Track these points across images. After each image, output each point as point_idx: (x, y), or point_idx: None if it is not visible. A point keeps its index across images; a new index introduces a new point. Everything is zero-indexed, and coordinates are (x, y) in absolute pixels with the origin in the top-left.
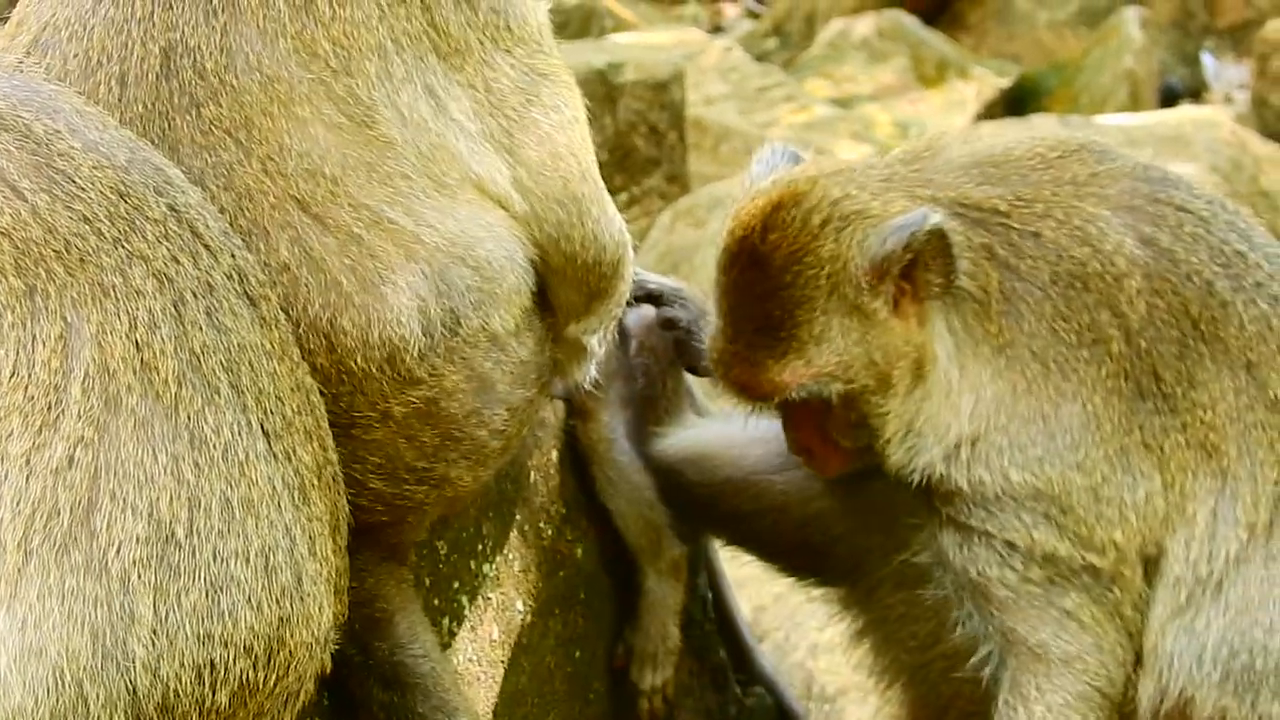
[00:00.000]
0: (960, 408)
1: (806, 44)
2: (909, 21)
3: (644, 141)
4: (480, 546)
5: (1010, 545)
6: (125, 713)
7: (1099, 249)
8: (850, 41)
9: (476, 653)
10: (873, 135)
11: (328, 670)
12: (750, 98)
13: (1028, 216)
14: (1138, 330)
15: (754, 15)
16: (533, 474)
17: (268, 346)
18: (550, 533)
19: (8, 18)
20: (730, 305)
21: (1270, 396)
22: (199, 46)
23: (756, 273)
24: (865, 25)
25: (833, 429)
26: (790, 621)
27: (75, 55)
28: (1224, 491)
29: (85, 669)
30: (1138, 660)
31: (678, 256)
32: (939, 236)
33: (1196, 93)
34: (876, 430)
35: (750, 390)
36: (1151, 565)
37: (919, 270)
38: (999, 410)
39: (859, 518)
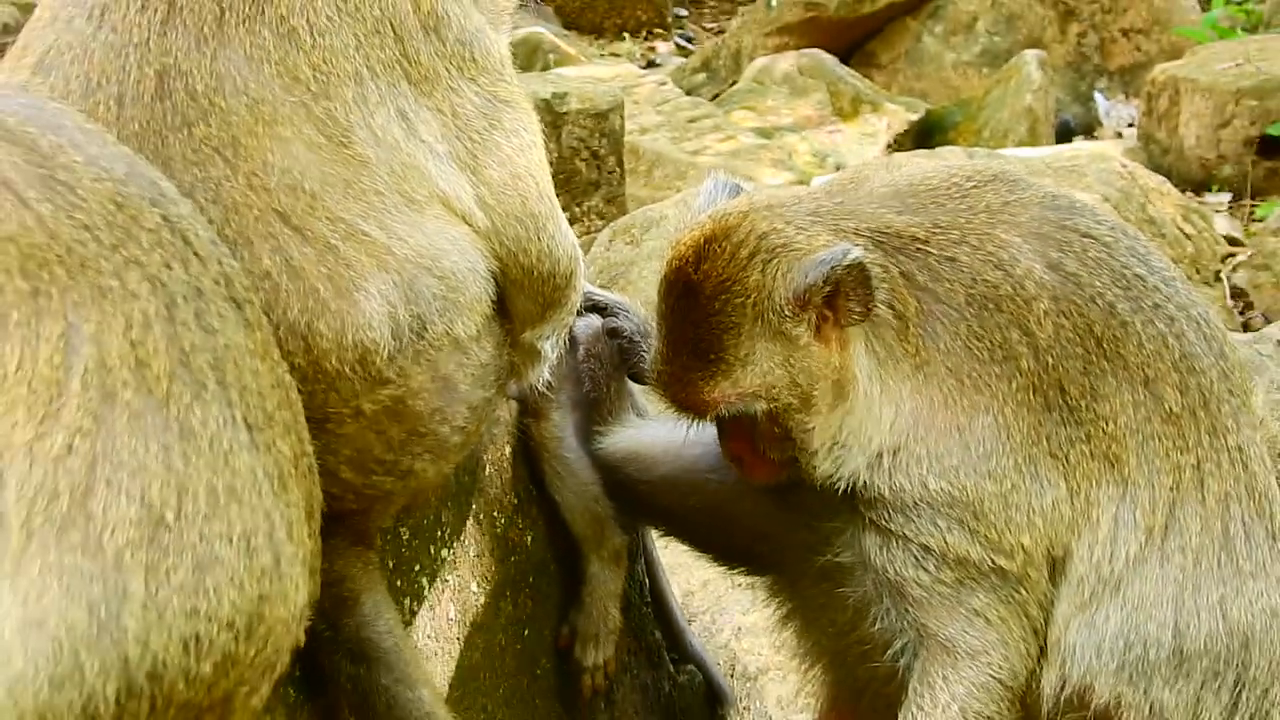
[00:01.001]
0: (881, 420)
1: (733, 79)
2: (827, 60)
3: (585, 165)
4: (439, 533)
5: (926, 549)
6: (118, 680)
7: (1010, 273)
8: (773, 77)
9: (435, 630)
10: (793, 163)
11: (301, 644)
12: (681, 128)
13: (945, 243)
14: (1045, 348)
15: (684, 52)
16: (488, 467)
17: (251, 346)
18: (503, 522)
19: (8, 43)
20: (667, 329)
21: (1166, 409)
22: (191, 70)
23: (690, 300)
24: (787, 63)
25: (761, 442)
26: (716, 606)
27: (77, 77)
28: (1124, 497)
29: (82, 639)
30: (1042, 653)
31: (616, 271)
32: (858, 269)
33: (1089, 129)
34: (802, 444)
35: (685, 407)
36: (1058, 566)
37: (840, 300)
38: (917, 423)
39: (785, 516)
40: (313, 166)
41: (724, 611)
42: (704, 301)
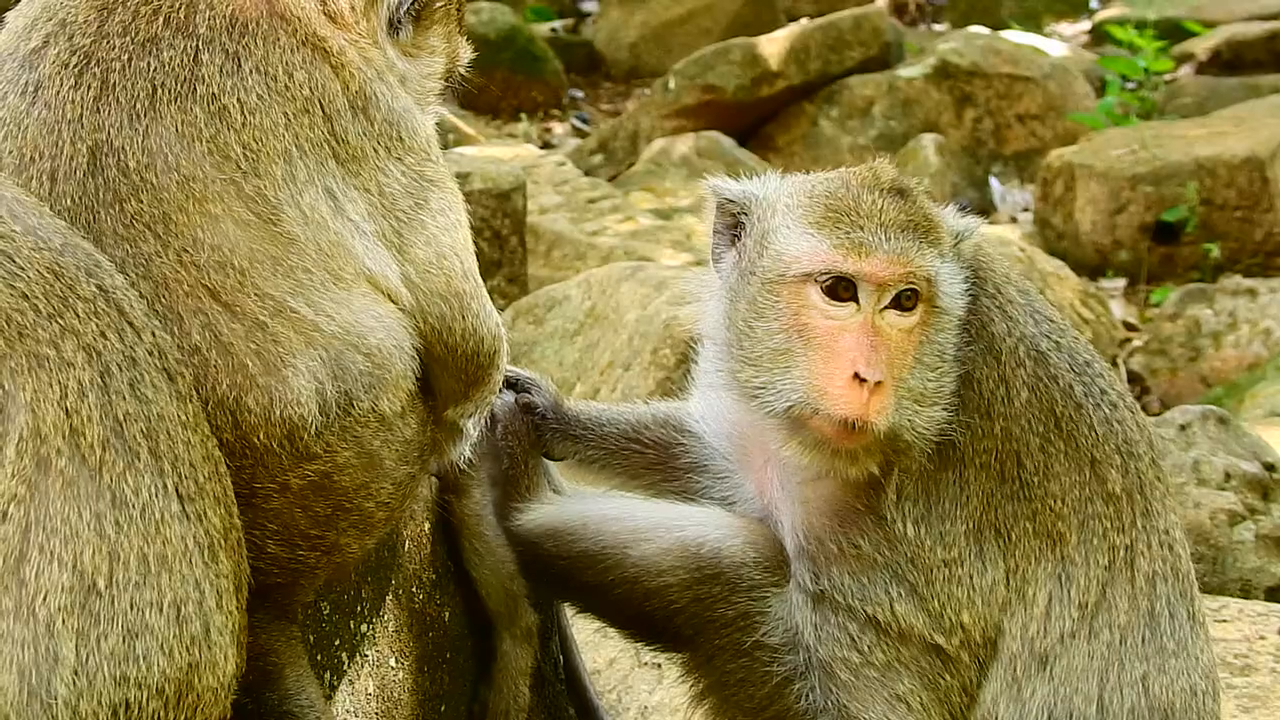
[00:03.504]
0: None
1: (630, 160)
2: (725, 142)
3: (488, 245)
4: (359, 608)
5: (870, 622)
6: None
7: (1012, 332)
8: (671, 159)
9: (354, 705)
10: (692, 244)
11: (228, 716)
12: (581, 208)
13: None
14: (1013, 416)
15: (580, 133)
16: (407, 543)
17: (183, 418)
18: (421, 597)
19: None
20: (888, 218)
21: (1108, 491)
22: (123, 147)
23: (904, 197)
24: (685, 144)
25: (899, 354)
26: (623, 684)
27: (10, 152)
28: (1063, 574)
29: (12, 704)
30: None
31: (519, 350)
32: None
33: (985, 213)
34: (921, 360)
35: (898, 276)
36: (990, 647)
37: None
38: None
39: (704, 589)
40: (242, 243)
41: (629, 690)
42: (916, 200)
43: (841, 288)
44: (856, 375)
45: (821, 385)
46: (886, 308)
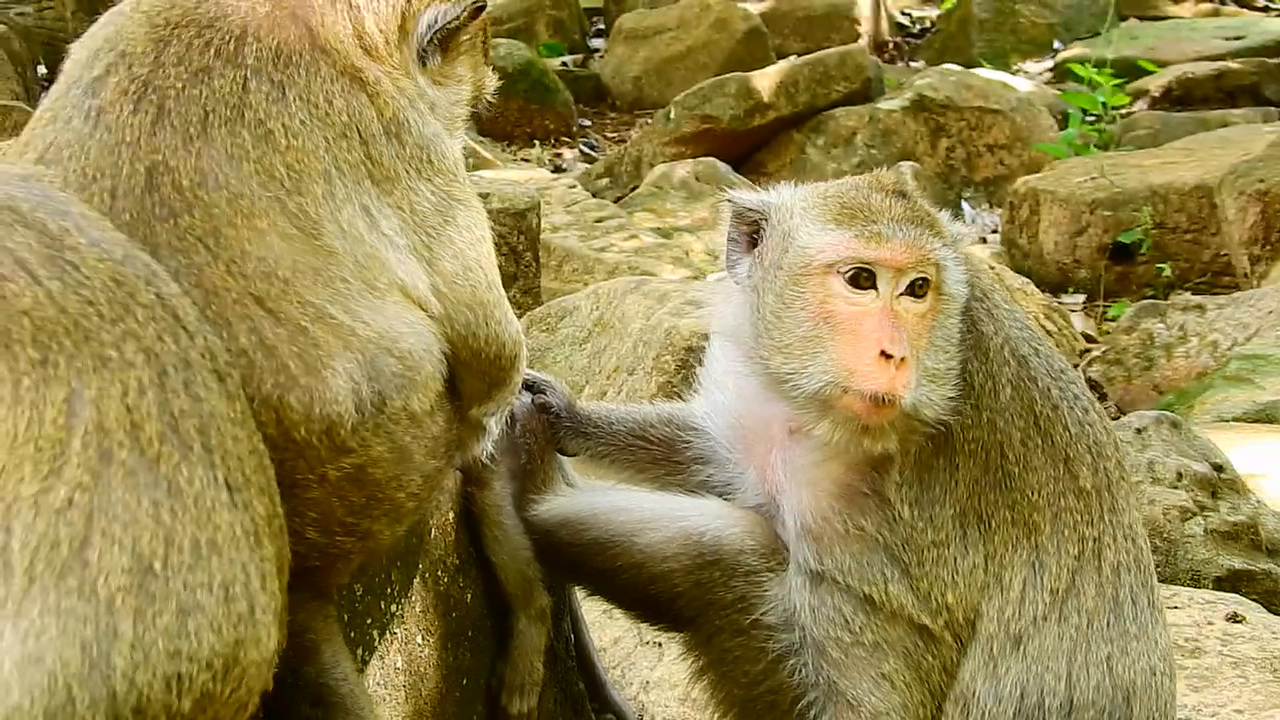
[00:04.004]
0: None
1: (634, 184)
2: (721, 167)
3: (505, 260)
4: (389, 590)
5: (864, 600)
6: (106, 714)
7: (999, 332)
8: (671, 182)
9: (383, 678)
10: (690, 260)
11: (269, 688)
12: (589, 227)
13: None
14: (998, 410)
15: (588, 159)
16: (434, 531)
17: (232, 415)
18: (446, 580)
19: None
20: (897, 213)
21: (1079, 487)
22: (177, 167)
23: (907, 198)
24: (684, 169)
25: (915, 335)
26: (626, 661)
27: (74, 172)
28: (1036, 562)
29: (74, 675)
30: (945, 702)
31: (533, 357)
32: None
33: None
34: (934, 341)
35: (910, 261)
36: (969, 628)
37: None
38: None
39: (705, 574)
40: (285, 255)
41: (632, 666)
42: (917, 200)
43: (863, 277)
44: (883, 353)
45: (851, 365)
46: (902, 294)
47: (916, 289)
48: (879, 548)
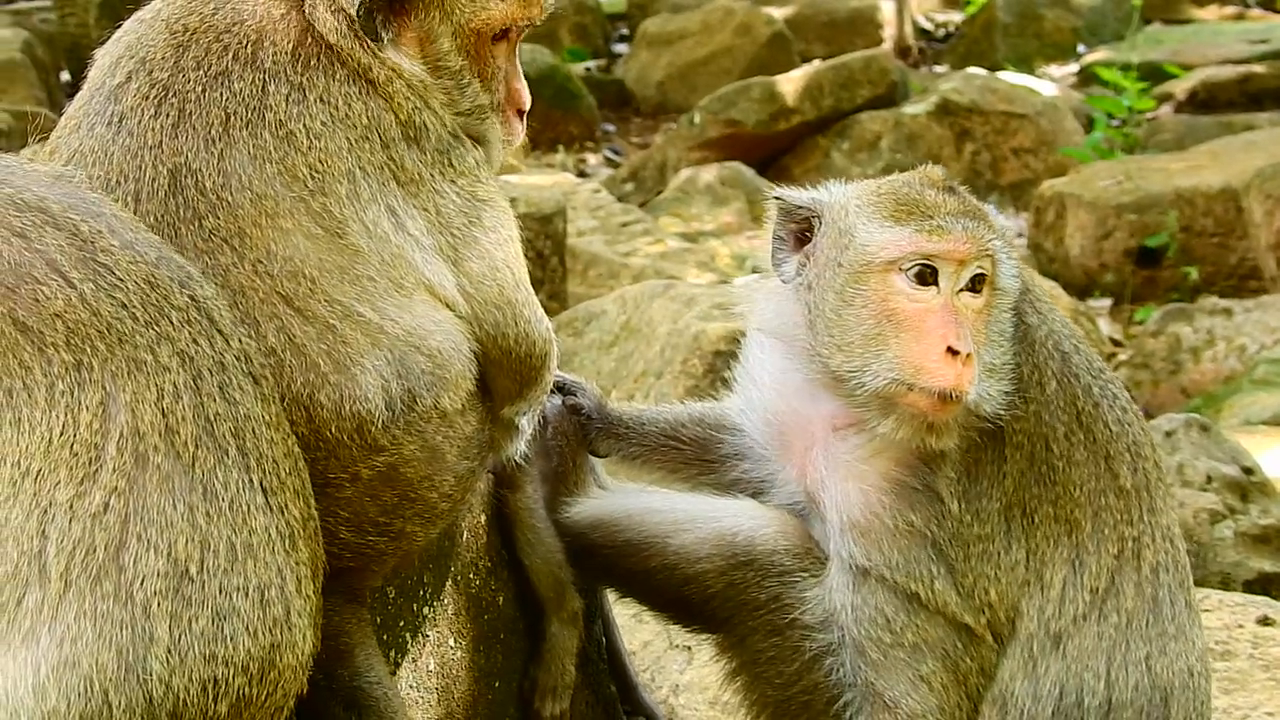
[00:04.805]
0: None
1: (658, 188)
2: (746, 172)
3: (532, 265)
4: (422, 593)
5: (909, 597)
6: (141, 718)
7: (1044, 325)
8: (696, 187)
9: (416, 681)
10: (715, 265)
11: (304, 692)
12: (614, 231)
13: None
14: (1043, 403)
15: (612, 164)
16: (466, 533)
17: (267, 418)
18: (478, 583)
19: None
20: (952, 208)
21: (1119, 486)
22: (200, 169)
23: (959, 194)
24: (709, 174)
25: (976, 331)
26: (655, 665)
27: (99, 176)
28: (1077, 560)
29: (111, 679)
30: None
31: (560, 361)
32: None
33: None
34: (990, 338)
35: (968, 253)
36: (1009, 626)
37: None
38: None
39: (739, 575)
40: (311, 254)
41: (662, 670)
42: (965, 195)
43: (927, 273)
44: (949, 349)
45: (917, 362)
46: (961, 290)
47: (974, 285)
48: (926, 543)
